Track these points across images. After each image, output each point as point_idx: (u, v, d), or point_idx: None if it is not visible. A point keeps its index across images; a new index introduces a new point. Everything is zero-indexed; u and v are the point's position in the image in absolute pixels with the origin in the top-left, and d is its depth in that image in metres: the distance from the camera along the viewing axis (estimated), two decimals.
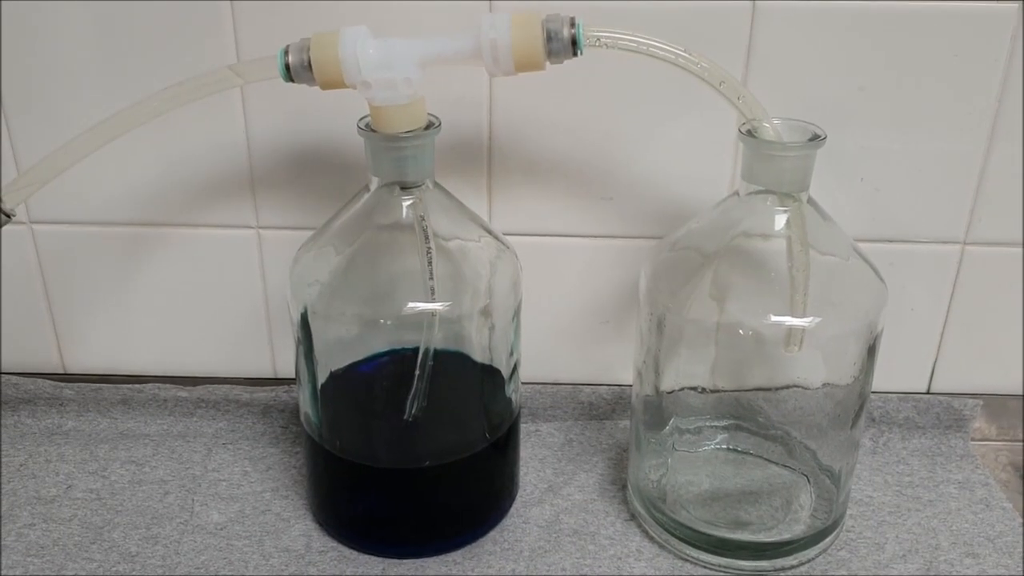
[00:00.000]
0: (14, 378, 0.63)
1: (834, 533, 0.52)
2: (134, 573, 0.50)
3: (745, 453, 0.54)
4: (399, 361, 0.50)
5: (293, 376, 0.58)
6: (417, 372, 0.48)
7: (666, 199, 0.57)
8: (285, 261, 0.50)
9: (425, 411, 0.50)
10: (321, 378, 0.50)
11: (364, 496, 0.52)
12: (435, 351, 0.48)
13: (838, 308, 0.46)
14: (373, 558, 0.51)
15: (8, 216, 0.44)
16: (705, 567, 0.50)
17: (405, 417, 0.49)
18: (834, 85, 0.54)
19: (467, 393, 0.53)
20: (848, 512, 0.54)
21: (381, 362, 0.51)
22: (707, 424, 0.54)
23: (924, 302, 0.60)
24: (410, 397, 0.49)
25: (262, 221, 0.59)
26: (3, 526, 0.53)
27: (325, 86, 0.42)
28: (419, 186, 0.47)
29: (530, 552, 0.51)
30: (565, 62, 0.42)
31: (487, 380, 0.52)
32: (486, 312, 0.49)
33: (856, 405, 0.49)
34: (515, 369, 0.52)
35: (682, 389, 0.51)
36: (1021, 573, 0.50)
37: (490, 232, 0.50)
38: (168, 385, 0.63)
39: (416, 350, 0.48)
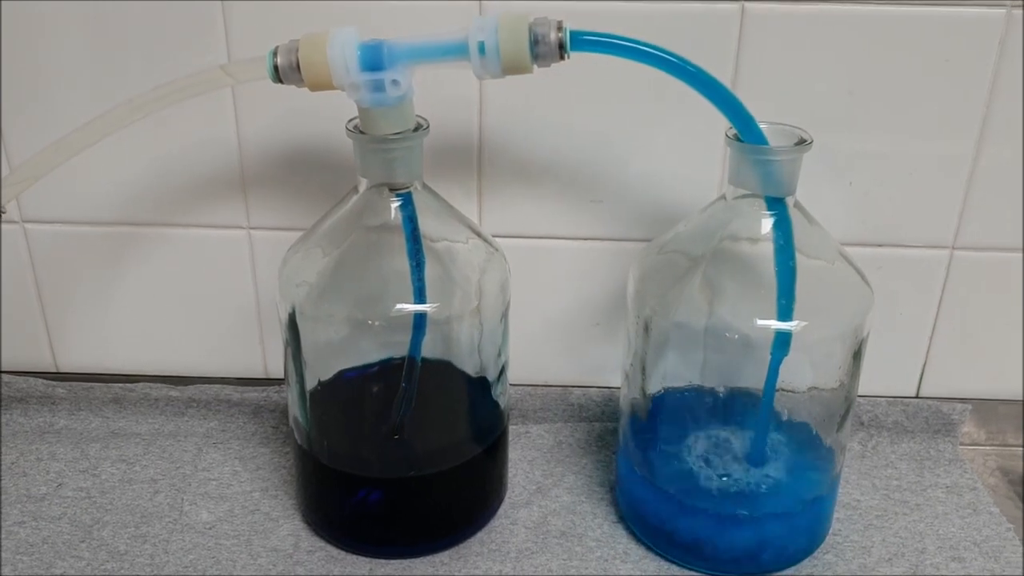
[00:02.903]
0: (6, 376, 0.63)
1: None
2: (122, 571, 0.50)
3: (732, 455, 0.54)
4: (388, 371, 0.50)
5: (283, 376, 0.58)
6: (404, 375, 0.49)
7: (655, 202, 0.57)
8: (276, 261, 0.50)
9: (413, 421, 0.50)
10: (310, 383, 0.51)
11: (352, 501, 0.52)
12: (423, 360, 0.49)
13: (824, 312, 0.46)
14: (360, 558, 0.51)
15: None
16: (692, 570, 0.50)
17: (391, 424, 0.50)
18: (823, 89, 0.54)
19: (456, 403, 0.53)
20: (835, 515, 0.54)
21: (370, 372, 0.52)
22: (694, 427, 0.54)
23: (913, 306, 0.60)
24: (396, 401, 0.49)
25: (253, 221, 0.59)
26: None
27: (314, 87, 0.42)
28: (408, 188, 0.47)
29: (517, 553, 0.51)
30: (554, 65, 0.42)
31: (476, 390, 0.52)
32: (475, 314, 0.49)
33: (842, 409, 0.49)
34: (503, 371, 0.53)
35: (669, 392, 0.51)
36: None
37: (479, 234, 0.50)
38: (159, 384, 0.63)
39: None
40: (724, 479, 0.50)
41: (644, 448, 0.52)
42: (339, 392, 0.52)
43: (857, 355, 0.48)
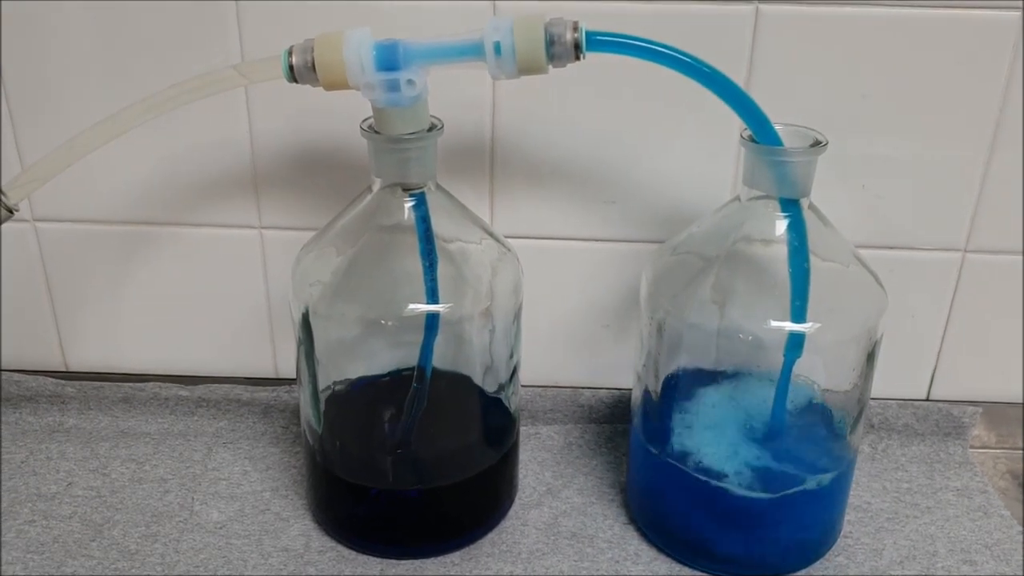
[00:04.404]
0: (16, 375, 0.63)
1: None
2: (133, 571, 0.50)
3: (746, 449, 0.54)
4: (401, 378, 0.50)
5: (294, 376, 0.58)
6: (415, 376, 0.48)
7: (668, 203, 0.57)
8: (287, 261, 0.50)
9: (427, 432, 0.50)
10: (322, 383, 0.51)
11: (363, 503, 0.52)
12: (435, 372, 0.49)
13: (838, 314, 0.46)
14: (371, 558, 0.51)
15: (10, 212, 0.44)
16: (703, 571, 0.50)
17: (402, 424, 0.50)
18: (837, 92, 0.54)
19: (467, 416, 0.53)
20: (846, 518, 0.54)
21: (383, 379, 0.52)
22: (707, 424, 0.54)
23: (924, 309, 0.60)
24: (407, 401, 0.49)
25: (265, 221, 0.59)
26: (4, 523, 0.53)
27: (329, 87, 0.42)
28: (421, 188, 0.47)
29: (528, 554, 0.51)
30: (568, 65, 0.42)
31: (489, 402, 0.52)
32: (487, 314, 0.49)
33: (855, 411, 0.49)
34: (515, 371, 0.53)
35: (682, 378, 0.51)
36: None
37: (492, 235, 0.50)
38: (169, 384, 0.63)
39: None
40: (738, 472, 0.50)
41: (657, 450, 0.52)
42: (352, 397, 0.52)
43: (871, 357, 0.48)
